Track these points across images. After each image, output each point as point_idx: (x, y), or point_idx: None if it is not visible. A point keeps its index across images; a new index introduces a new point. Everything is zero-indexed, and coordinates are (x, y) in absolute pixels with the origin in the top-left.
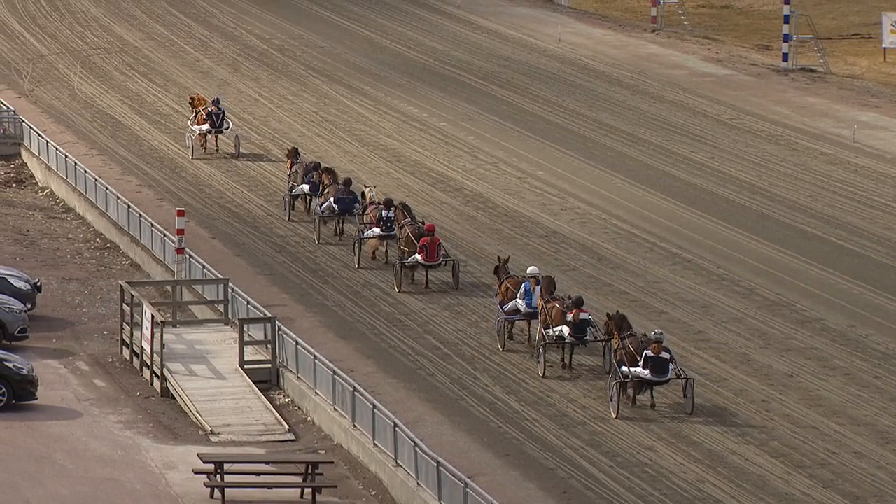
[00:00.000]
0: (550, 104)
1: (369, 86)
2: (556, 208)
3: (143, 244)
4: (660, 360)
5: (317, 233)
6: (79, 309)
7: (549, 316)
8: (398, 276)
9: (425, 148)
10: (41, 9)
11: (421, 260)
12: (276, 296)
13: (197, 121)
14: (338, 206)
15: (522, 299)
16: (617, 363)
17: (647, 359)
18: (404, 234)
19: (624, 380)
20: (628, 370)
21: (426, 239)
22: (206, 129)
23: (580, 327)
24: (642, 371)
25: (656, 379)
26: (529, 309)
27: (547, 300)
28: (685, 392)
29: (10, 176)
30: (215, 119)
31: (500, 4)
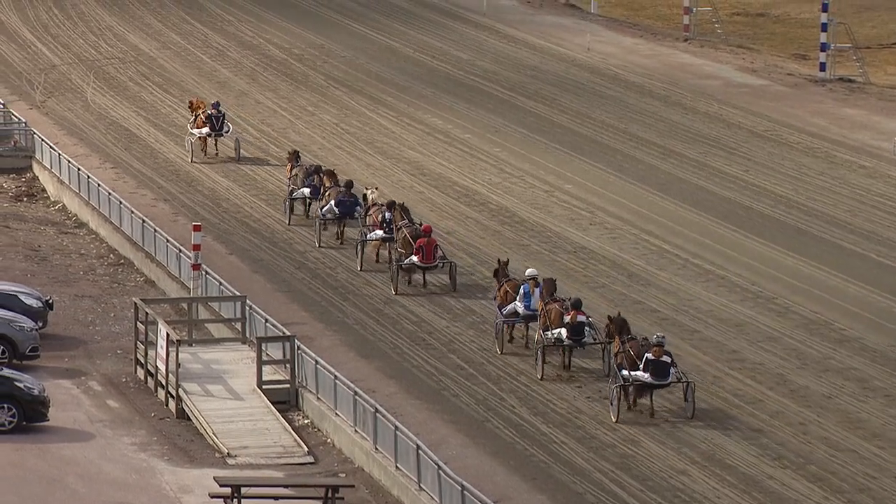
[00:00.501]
0: (579, 115)
1: (392, 97)
2: (585, 223)
3: (158, 260)
4: (660, 364)
5: (317, 236)
6: (92, 327)
7: (548, 318)
8: (395, 278)
9: (450, 161)
10: (53, 17)
11: (417, 262)
12: (295, 313)
13: (196, 124)
14: (339, 209)
15: (521, 302)
16: (617, 367)
17: (647, 362)
18: (401, 236)
19: (624, 383)
20: (629, 374)
21: (423, 240)
22: (205, 133)
23: (577, 329)
24: (643, 374)
25: (657, 382)
26: (528, 311)
27: (547, 302)
28: (686, 396)
29: (21, 190)
30: (215, 122)
31: (528, 12)
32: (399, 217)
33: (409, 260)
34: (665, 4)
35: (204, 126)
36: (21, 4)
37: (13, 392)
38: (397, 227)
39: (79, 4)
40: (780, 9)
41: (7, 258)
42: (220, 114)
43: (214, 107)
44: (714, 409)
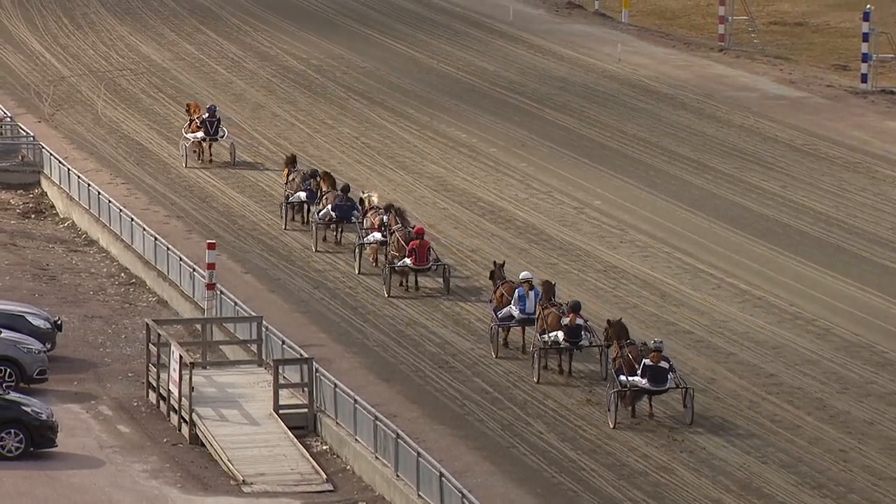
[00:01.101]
0: (609, 129)
1: (414, 109)
2: (616, 241)
3: (170, 279)
4: (658, 370)
5: (314, 241)
6: (102, 349)
7: (545, 321)
8: (387, 280)
9: (474, 176)
10: (63, 27)
11: (410, 264)
12: (313, 335)
13: (191, 128)
14: (336, 213)
15: (516, 305)
16: (615, 372)
17: (645, 368)
18: (394, 239)
19: (622, 389)
20: (626, 379)
21: (415, 242)
22: (200, 137)
23: (574, 332)
24: (640, 380)
25: (654, 388)
26: (523, 315)
27: (545, 305)
28: (685, 402)
29: (29, 206)
30: (209, 127)
31: (556, 21)
32: (394, 220)
33: (403, 262)
34: (699, 13)
35: (198, 130)
36: (29, 14)
37: (20, 417)
38: (390, 230)
39: (89, 14)
40: (819, 18)
41: (14, 277)
42: (215, 118)
43: (209, 111)
44: (750, 435)
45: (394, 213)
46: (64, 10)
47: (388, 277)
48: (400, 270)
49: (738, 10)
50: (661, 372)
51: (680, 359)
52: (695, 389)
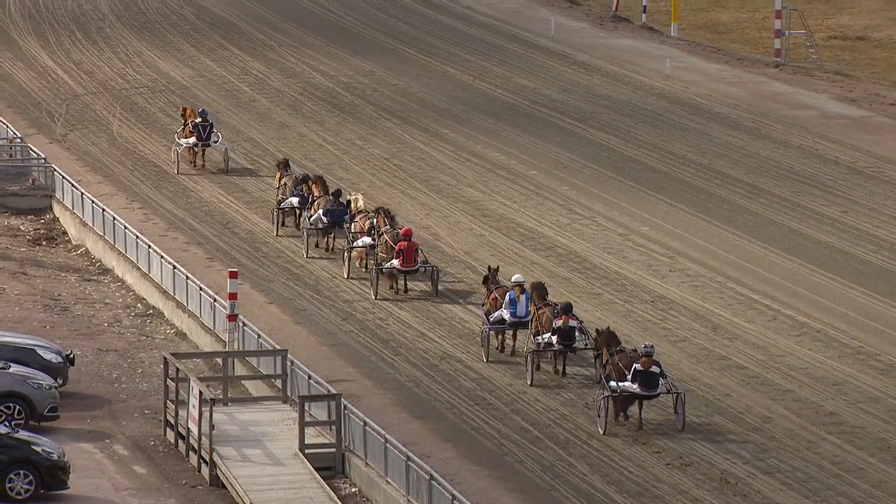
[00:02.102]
0: (657, 150)
1: (449, 129)
2: (664, 270)
3: (190, 310)
4: (649, 375)
5: (305, 247)
6: (117, 385)
7: (539, 323)
8: (374, 282)
9: (513, 200)
10: (76, 42)
11: (398, 266)
12: (341, 369)
13: (184, 134)
14: (327, 218)
15: (507, 309)
16: (605, 378)
17: (636, 373)
18: (382, 241)
19: (612, 394)
20: (617, 385)
21: (403, 244)
22: (192, 143)
23: (568, 334)
24: (631, 385)
25: (645, 393)
26: (514, 318)
27: (538, 307)
28: (676, 408)
29: (39, 233)
30: (202, 132)
31: (600, 35)
32: (382, 222)
33: (390, 264)
34: (754, 27)
35: (192, 136)
36: (41, 28)
37: (30, 457)
38: (379, 232)
39: (105, 28)
40: (881, 32)
41: (24, 308)
42: (208, 123)
43: (201, 115)
44: (809, 478)
45: (382, 214)
46: (78, 24)
47: (375, 280)
48: (388, 273)
49: (795, 24)
50: (653, 377)
51: (733, 396)
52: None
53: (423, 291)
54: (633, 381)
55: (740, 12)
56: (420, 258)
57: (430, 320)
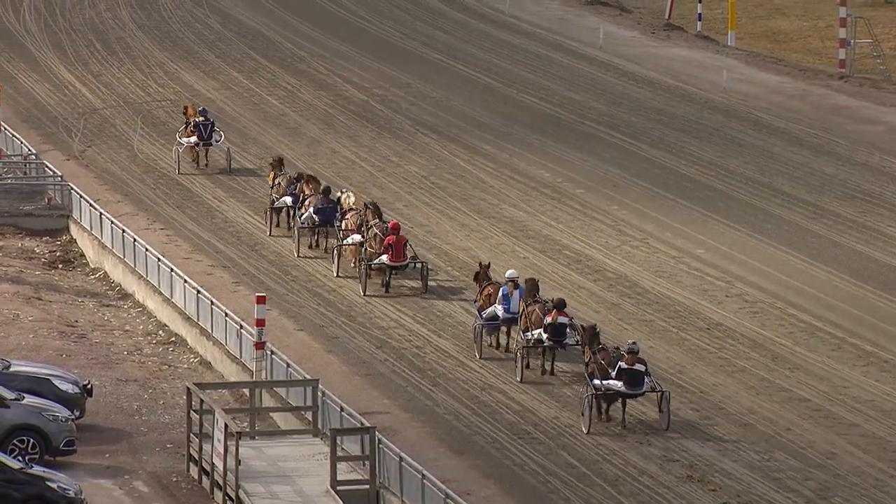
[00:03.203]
0: (713, 167)
1: (490, 145)
2: (720, 295)
3: (215, 338)
4: (634, 373)
5: (296, 246)
6: (137, 417)
7: (528, 319)
8: (363, 279)
9: (559, 220)
10: (95, 53)
11: (387, 261)
12: (375, 401)
13: (186, 133)
14: (318, 216)
15: (501, 304)
16: (589, 376)
17: (620, 370)
18: (372, 234)
19: (596, 392)
20: (601, 383)
21: (391, 238)
22: (194, 142)
23: (558, 330)
24: (616, 383)
25: (630, 392)
26: (508, 314)
27: (528, 303)
28: (660, 406)
29: (55, 255)
30: (203, 131)
31: (652, 45)
32: (371, 216)
33: (379, 260)
34: (816, 36)
35: (193, 135)
36: (58, 38)
37: (45, 494)
38: (368, 226)
39: (125, 38)
40: None
41: (39, 336)
42: (209, 122)
43: (202, 114)
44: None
45: (371, 209)
46: (96, 33)
47: (364, 276)
48: (378, 269)
49: (861, 33)
50: (637, 375)
51: (795, 430)
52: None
53: (463, 317)
54: (618, 379)
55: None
56: (409, 252)
57: (470, 349)
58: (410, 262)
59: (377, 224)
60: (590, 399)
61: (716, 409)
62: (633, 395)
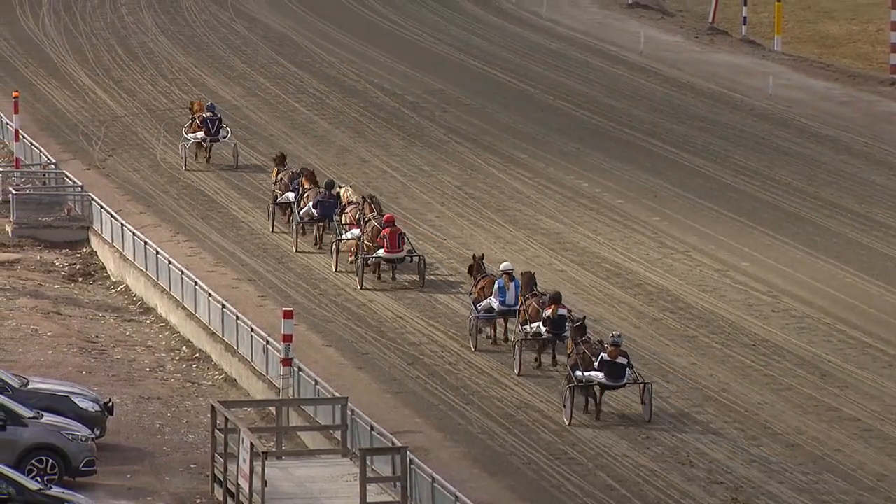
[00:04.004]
0: (758, 176)
1: (527, 153)
2: (766, 310)
3: (240, 354)
4: (616, 365)
5: (295, 241)
6: (160, 436)
7: (526, 313)
8: (360, 272)
9: (597, 232)
10: (116, 58)
11: (384, 254)
12: (407, 419)
13: (192, 128)
14: (317, 210)
15: (496, 297)
16: (571, 368)
17: (602, 362)
18: (370, 227)
19: (577, 384)
20: (583, 374)
21: (387, 230)
22: (200, 138)
23: (558, 323)
24: (597, 374)
25: (612, 383)
26: (503, 307)
27: (526, 297)
28: (643, 398)
29: (75, 268)
30: (210, 126)
31: (695, 50)
32: (369, 209)
33: (377, 255)
34: (866, 40)
35: (199, 130)
36: (78, 42)
37: None
38: (366, 219)
39: (147, 43)
40: None
41: (58, 352)
42: (216, 117)
43: (210, 109)
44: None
45: (369, 202)
46: (118, 38)
47: (360, 269)
48: (375, 264)
49: None
50: (619, 367)
51: (845, 451)
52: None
53: (497, 340)
54: (600, 371)
55: (851, 24)
56: (406, 245)
57: (505, 365)
58: (408, 256)
59: (374, 217)
60: (570, 391)
61: (761, 428)
62: (613, 387)
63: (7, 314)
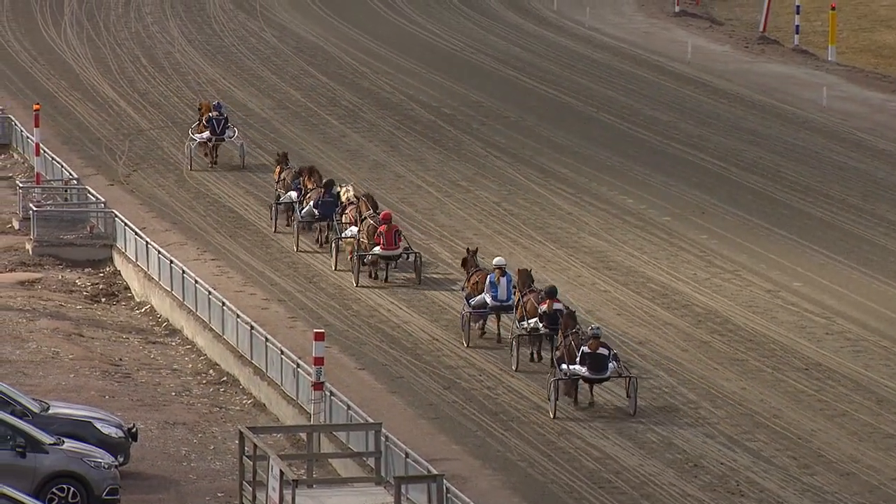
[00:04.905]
0: (811, 192)
1: (568, 168)
2: (820, 332)
3: (269, 377)
4: (597, 357)
5: (296, 241)
6: (185, 463)
7: (524, 309)
8: (356, 270)
9: (642, 251)
10: (141, 69)
11: (380, 251)
12: (443, 446)
13: (198, 129)
14: (319, 210)
15: (489, 292)
16: (557, 361)
17: (584, 355)
18: (366, 224)
19: (562, 377)
20: (567, 367)
21: (383, 227)
22: (206, 137)
23: (554, 318)
24: (580, 368)
25: (594, 376)
26: (496, 302)
27: (523, 293)
28: (628, 392)
29: (98, 288)
30: (216, 126)
31: (744, 60)
32: (365, 207)
33: (373, 252)
34: None
35: (205, 130)
36: (101, 53)
37: None
38: (362, 217)
39: (173, 53)
40: None
41: (80, 375)
42: (222, 116)
43: (216, 108)
44: None
45: (364, 200)
46: (143, 48)
47: (356, 267)
48: (372, 262)
49: None
50: (601, 359)
51: None
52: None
53: (538, 364)
54: (582, 364)
55: None
56: (402, 242)
57: (545, 389)
58: (404, 253)
59: (370, 215)
60: (554, 383)
61: (815, 456)
62: (597, 380)
63: (27, 336)
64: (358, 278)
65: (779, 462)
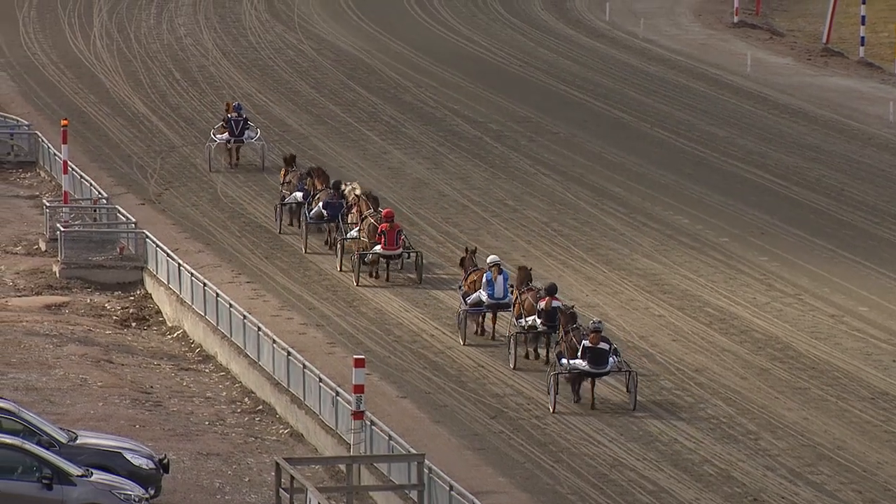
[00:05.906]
0: (878, 212)
1: (621, 186)
2: (887, 359)
3: (307, 406)
4: (598, 351)
5: (304, 242)
6: (219, 496)
7: (522, 306)
8: (357, 269)
9: (698, 273)
10: (174, 84)
11: (381, 250)
12: (489, 478)
13: (219, 130)
14: (327, 211)
15: (485, 290)
16: (557, 356)
17: (584, 350)
18: (367, 223)
19: (563, 372)
20: (568, 362)
21: (385, 226)
22: (225, 139)
23: (551, 315)
24: (581, 363)
25: (595, 371)
26: (492, 300)
27: (522, 291)
28: (628, 387)
29: (128, 312)
30: (235, 127)
31: (807, 73)
32: (366, 206)
33: (374, 251)
34: None
35: (225, 131)
36: (132, 67)
37: None
38: (363, 216)
39: (207, 66)
40: None
41: (110, 403)
42: (241, 118)
43: (235, 109)
44: None
45: (365, 198)
46: (175, 61)
47: (357, 266)
48: (373, 261)
49: None
50: (601, 353)
51: None
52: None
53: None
54: (582, 358)
55: None
56: (403, 241)
57: (599, 420)
58: (404, 252)
59: (371, 214)
60: (554, 378)
61: (881, 490)
62: (597, 375)
63: (54, 362)
64: (358, 277)
65: (843, 496)
